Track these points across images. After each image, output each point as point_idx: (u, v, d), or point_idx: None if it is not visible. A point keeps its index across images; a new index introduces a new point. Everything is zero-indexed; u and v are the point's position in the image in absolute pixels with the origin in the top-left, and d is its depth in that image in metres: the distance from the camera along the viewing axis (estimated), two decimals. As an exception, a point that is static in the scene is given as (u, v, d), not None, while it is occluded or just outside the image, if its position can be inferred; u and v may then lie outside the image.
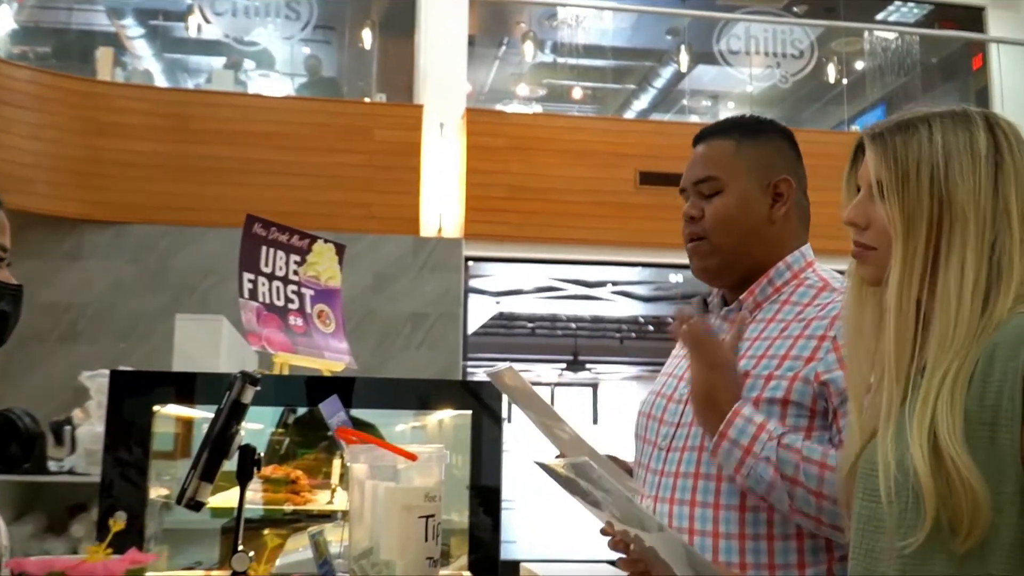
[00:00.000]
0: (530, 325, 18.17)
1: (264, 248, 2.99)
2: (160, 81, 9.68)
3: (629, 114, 12.18)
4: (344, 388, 2.70)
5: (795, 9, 11.01)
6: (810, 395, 1.67)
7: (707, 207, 1.87)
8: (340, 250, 3.29)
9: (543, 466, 1.61)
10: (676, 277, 11.81)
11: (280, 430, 3.15)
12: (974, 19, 10.34)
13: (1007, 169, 1.29)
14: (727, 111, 11.56)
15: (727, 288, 1.93)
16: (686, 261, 1.95)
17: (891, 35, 10.66)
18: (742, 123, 1.94)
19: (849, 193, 1.44)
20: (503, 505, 2.81)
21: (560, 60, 10.85)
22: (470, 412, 2.79)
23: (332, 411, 1.94)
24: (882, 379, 1.32)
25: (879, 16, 11.10)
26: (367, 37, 9.47)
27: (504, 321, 17.08)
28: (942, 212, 1.28)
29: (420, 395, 2.98)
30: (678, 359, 1.97)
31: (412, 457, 1.69)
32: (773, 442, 1.61)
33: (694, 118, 11.18)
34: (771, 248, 1.87)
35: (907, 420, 1.24)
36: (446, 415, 3.01)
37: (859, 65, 10.82)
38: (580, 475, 1.57)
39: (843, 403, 1.63)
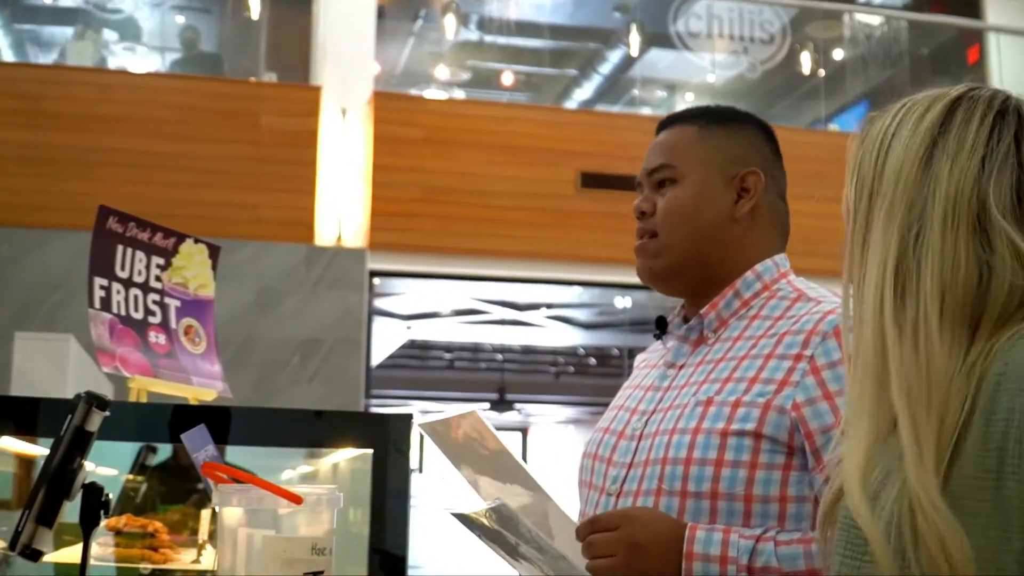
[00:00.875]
0: (447, 356, 18.16)
1: (120, 248, 2.91)
2: (7, 56, 9.58)
3: (570, 104, 12.29)
4: (217, 420, 2.64)
5: (765, -15, 11.20)
6: (786, 428, 1.66)
7: (660, 200, 1.89)
8: (214, 252, 3.22)
9: (460, 517, 1.58)
10: (623, 300, 11.88)
11: (137, 477, 3.07)
12: (970, 4, 10.59)
13: (948, 145, 1.22)
14: (685, 103, 11.70)
15: (678, 295, 1.94)
16: (637, 280, 1.95)
17: (875, 20, 10.87)
18: (711, 110, 1.98)
19: None
20: (410, 571, 2.78)
21: (488, 39, 10.90)
22: (371, 451, 2.75)
23: (198, 444, 1.89)
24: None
25: (862, -2, 11.35)
26: (255, 5, 9.42)
27: (416, 350, 17.05)
28: (876, 185, 1.27)
29: (311, 430, 2.92)
30: (630, 390, 1.97)
31: (297, 500, 1.65)
32: (744, 573, 1.60)
33: (646, 110, 11.29)
34: (733, 252, 1.88)
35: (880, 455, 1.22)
36: (343, 456, 2.96)
37: (838, 54, 11.02)
38: (503, 524, 1.54)
39: (827, 444, 1.63)
